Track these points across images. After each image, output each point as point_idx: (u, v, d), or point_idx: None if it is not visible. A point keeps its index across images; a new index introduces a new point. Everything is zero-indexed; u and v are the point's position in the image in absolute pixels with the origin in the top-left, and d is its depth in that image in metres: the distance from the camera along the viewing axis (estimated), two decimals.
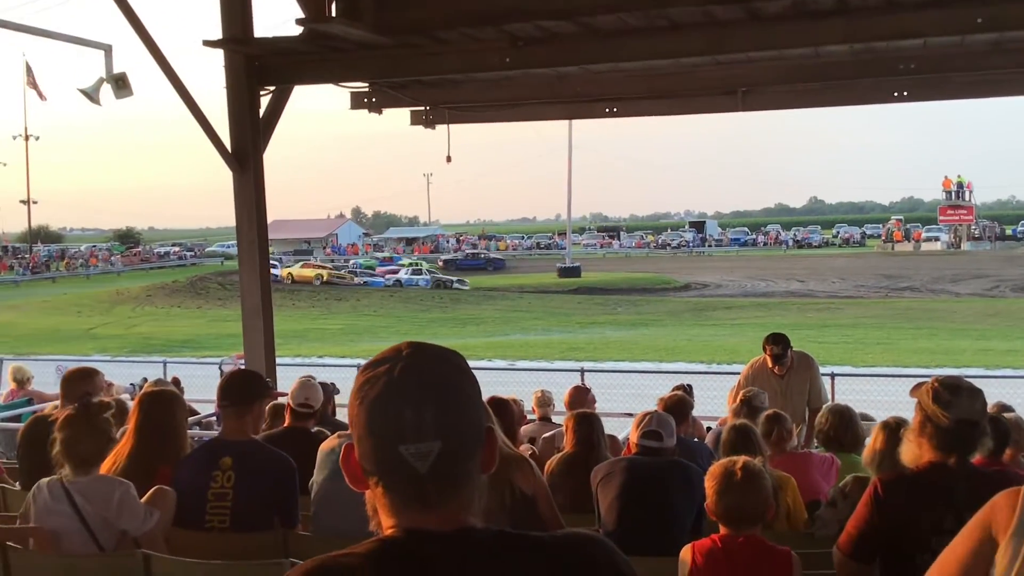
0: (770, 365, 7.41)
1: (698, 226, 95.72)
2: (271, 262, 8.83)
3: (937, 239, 72.78)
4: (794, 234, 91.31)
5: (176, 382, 9.19)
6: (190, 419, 8.50)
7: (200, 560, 3.59)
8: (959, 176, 72.13)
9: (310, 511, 4.18)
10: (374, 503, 1.38)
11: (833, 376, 12.04)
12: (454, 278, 55.90)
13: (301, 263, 63.24)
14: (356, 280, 55.12)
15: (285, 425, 5.09)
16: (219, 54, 7.38)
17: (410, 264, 61.82)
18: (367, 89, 8.66)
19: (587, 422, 4.83)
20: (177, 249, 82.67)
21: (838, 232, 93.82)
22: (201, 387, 12.06)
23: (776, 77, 7.80)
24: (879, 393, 11.86)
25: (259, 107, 7.37)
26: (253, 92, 7.28)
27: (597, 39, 6.45)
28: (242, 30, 7.10)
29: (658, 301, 44.19)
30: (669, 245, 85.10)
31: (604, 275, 54.09)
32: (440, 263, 67.25)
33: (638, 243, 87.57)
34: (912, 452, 3.02)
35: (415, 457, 1.31)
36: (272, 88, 7.42)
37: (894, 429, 3.70)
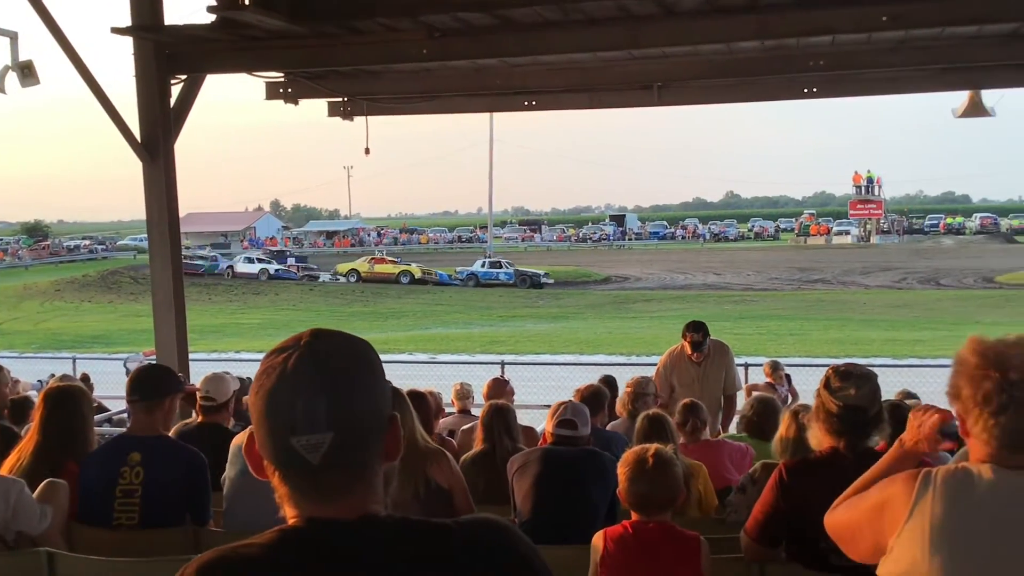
0: (689, 352, 7.57)
1: (618, 220, 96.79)
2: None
3: (848, 233, 74.84)
4: (711, 228, 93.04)
5: (85, 378, 8.96)
6: (101, 416, 8.31)
7: (107, 558, 3.51)
8: (869, 171, 74.22)
9: (223, 507, 4.12)
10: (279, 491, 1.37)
11: (747, 366, 12.29)
12: (541, 272, 50.34)
13: (369, 258, 55.00)
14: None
15: (198, 420, 5.00)
16: (129, 42, 7.20)
17: (487, 258, 54.75)
18: (283, 79, 8.54)
19: (501, 414, 4.85)
20: (88, 242, 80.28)
21: (753, 226, 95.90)
22: (112, 383, 11.77)
23: (691, 72, 7.92)
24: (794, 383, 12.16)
25: (170, 96, 7.20)
26: (163, 81, 7.11)
27: (515, 32, 6.47)
28: (152, 17, 6.93)
29: (579, 294, 44.57)
30: (590, 239, 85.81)
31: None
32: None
33: (559, 237, 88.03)
34: (815, 438, 3.12)
35: (307, 449, 1.30)
36: (183, 77, 7.26)
37: (800, 416, 3.80)
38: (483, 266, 50.88)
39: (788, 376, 9.95)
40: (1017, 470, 1.98)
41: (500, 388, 6.67)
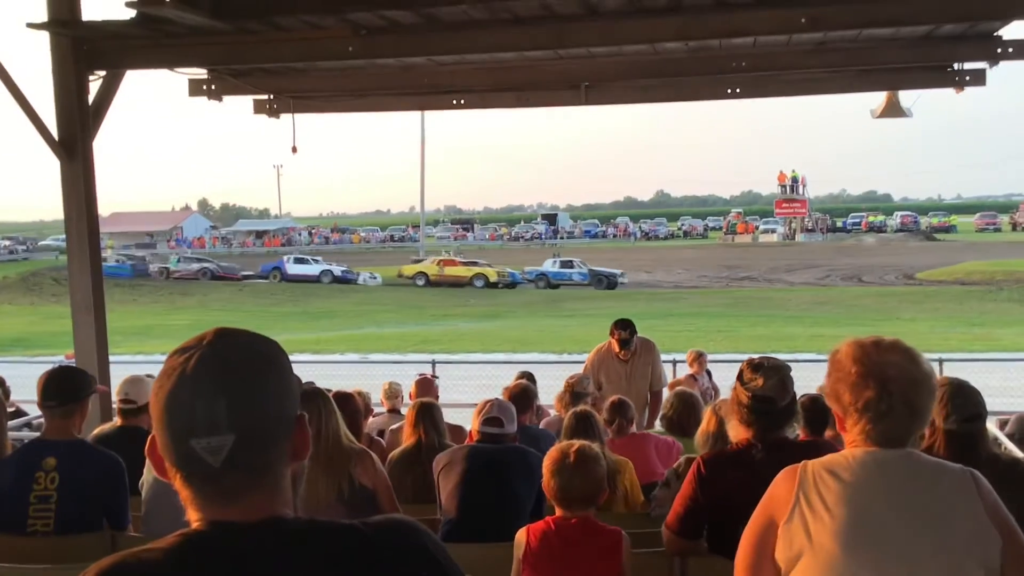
0: (616, 350, 7.65)
1: (550, 219, 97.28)
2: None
3: (774, 231, 76.28)
4: (641, 226, 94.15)
5: (0, 382, 8.69)
6: (19, 421, 8.07)
7: (21, 565, 3.42)
8: (793, 171, 75.80)
9: (141, 511, 4.04)
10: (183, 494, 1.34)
11: (675, 363, 12.45)
12: (617, 271, 47.13)
13: (436, 259, 50.35)
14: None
15: (117, 423, 4.90)
16: (45, 37, 7.01)
17: (556, 256, 50.99)
18: (206, 76, 8.39)
19: (428, 412, 4.84)
20: (8, 243, 77.95)
21: (683, 225, 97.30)
22: (33, 388, 11.45)
23: (617, 72, 7.99)
24: (720, 379, 12.36)
25: (88, 93, 7.03)
26: (81, 77, 6.94)
27: (441, 30, 6.45)
28: (69, 12, 6.75)
29: (511, 293, 44.64)
30: (522, 237, 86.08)
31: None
32: None
33: (491, 235, 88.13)
34: (733, 430, 3.19)
35: (207, 451, 1.28)
36: (102, 73, 7.09)
37: (719, 410, 3.87)
38: (554, 265, 47.67)
39: (709, 372, 10.13)
40: (886, 448, 2.15)
41: (427, 387, 6.66)
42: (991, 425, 7.84)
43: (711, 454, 3.32)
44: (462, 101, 8.98)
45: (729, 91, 8.12)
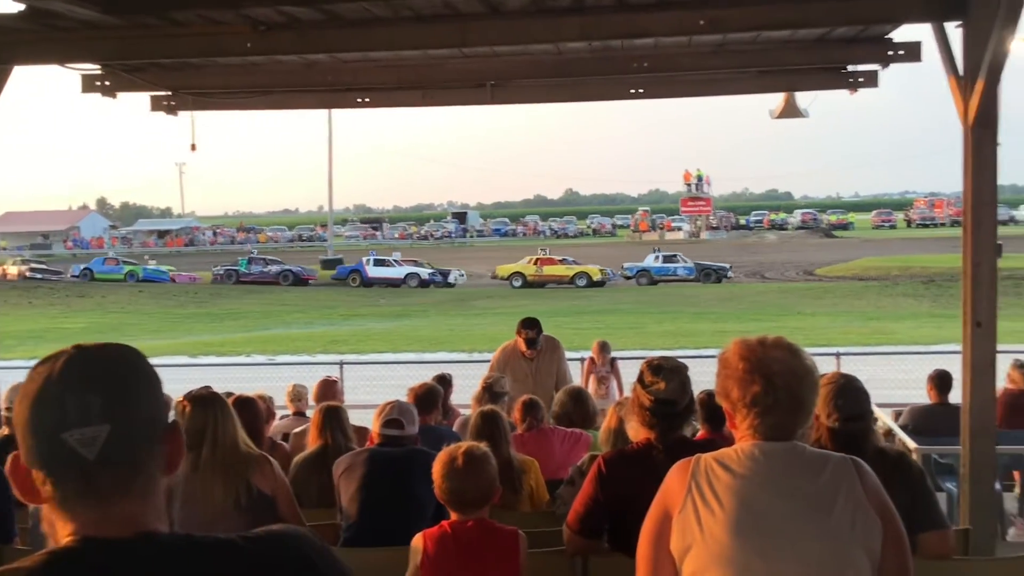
0: (523, 349, 7.68)
1: (460, 217, 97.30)
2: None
3: (680, 229, 77.68)
4: (551, 225, 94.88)
5: None
6: None
7: None
8: (698, 170, 77.25)
9: (28, 524, 3.88)
10: (50, 516, 1.28)
11: (584, 360, 12.53)
12: (727, 264, 45.25)
13: (532, 258, 46.49)
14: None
15: (4, 432, 4.70)
16: None
17: (656, 251, 48.05)
18: (100, 72, 8.12)
19: (332, 415, 4.78)
20: None
21: (592, 223, 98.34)
22: None
23: (522, 72, 8.00)
24: (627, 376, 12.52)
25: None
26: None
27: (342, 27, 6.35)
28: None
29: (421, 292, 44.44)
30: (432, 236, 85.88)
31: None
32: None
33: (401, 234, 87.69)
34: (632, 429, 3.22)
35: (81, 443, 1.23)
36: None
37: (620, 409, 3.91)
38: (656, 260, 45.07)
39: (613, 359, 10.29)
40: (772, 441, 2.25)
41: (329, 389, 6.57)
42: (886, 416, 8.13)
43: (612, 454, 3.35)
44: (367, 99, 8.87)
45: (632, 91, 8.19)
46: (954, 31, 5.24)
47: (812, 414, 2.32)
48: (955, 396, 6.84)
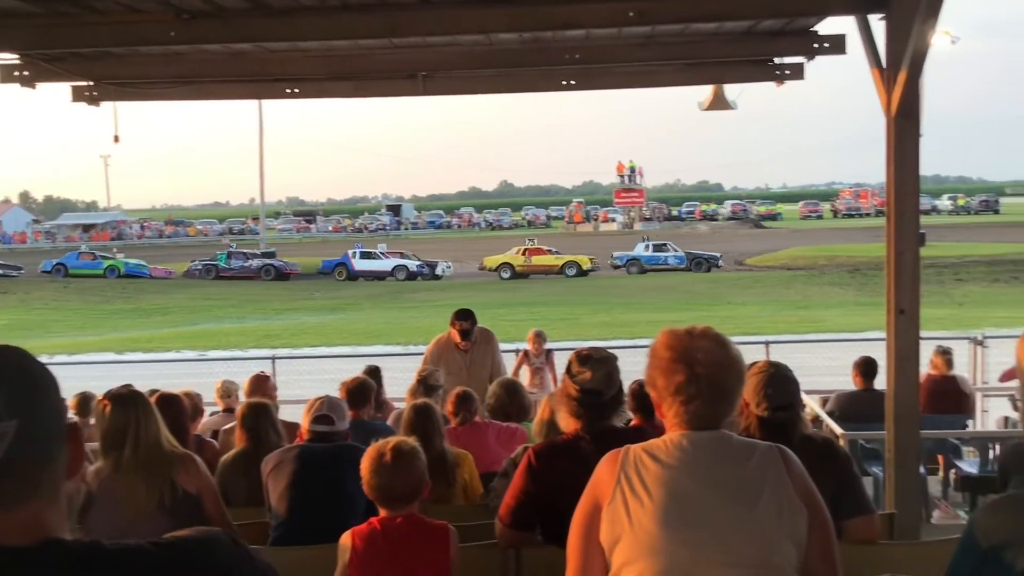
0: (457, 340, 7.66)
1: (395, 210, 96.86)
2: None
3: (614, 220, 78.28)
4: (486, 217, 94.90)
5: None
6: None
7: None
8: (631, 161, 77.79)
9: None
10: None
11: (518, 352, 12.53)
12: (718, 253, 45.18)
13: (520, 249, 45.75)
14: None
15: None
16: None
17: (645, 240, 48.00)
18: (18, 61, 7.85)
19: (259, 412, 4.70)
20: None
21: (526, 214, 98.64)
22: None
23: (453, 62, 7.94)
24: (562, 367, 12.56)
25: None
26: None
27: (269, 16, 6.23)
28: None
29: (355, 285, 44.08)
30: (367, 228, 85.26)
31: (300, 260, 53.03)
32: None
33: (335, 227, 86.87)
34: (563, 420, 3.22)
35: None
36: None
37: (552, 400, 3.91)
38: (647, 249, 45.04)
39: (549, 351, 10.34)
40: (699, 431, 2.27)
41: (261, 385, 6.47)
42: (814, 403, 8.28)
43: (541, 445, 3.35)
44: (296, 90, 8.73)
45: (564, 83, 8.19)
46: (877, 24, 5.33)
47: (736, 404, 2.34)
48: (880, 382, 7.00)
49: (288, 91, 8.81)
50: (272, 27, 6.41)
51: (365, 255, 46.84)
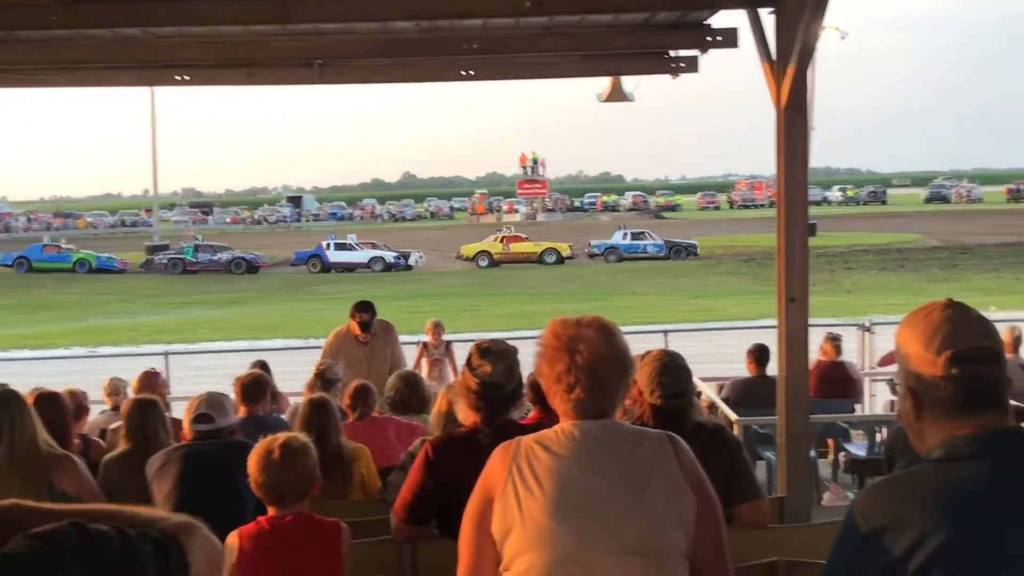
0: (357, 333, 7.57)
1: (296, 201, 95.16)
2: None
3: (517, 211, 78.62)
4: (388, 208, 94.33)
5: None
6: None
7: None
8: (534, 152, 78.19)
9: None
10: None
11: (419, 344, 12.47)
12: (695, 241, 45.51)
13: (498, 236, 46.36)
14: None
15: None
16: None
17: (622, 228, 48.01)
18: None
19: (145, 409, 4.53)
20: None
21: (429, 206, 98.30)
22: None
23: (349, 51, 7.81)
24: (463, 359, 12.54)
25: None
26: None
27: (155, 0, 6.04)
28: None
29: (253, 278, 43.24)
30: (266, 220, 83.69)
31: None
32: None
33: (233, 219, 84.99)
34: (462, 412, 3.19)
35: None
36: None
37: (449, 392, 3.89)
38: (625, 238, 45.04)
39: (449, 343, 10.33)
40: (590, 420, 2.27)
41: (151, 381, 6.27)
42: (710, 390, 8.44)
43: (439, 438, 3.32)
44: (186, 77, 8.47)
45: (463, 73, 8.14)
46: (767, 18, 5.43)
47: (621, 394, 2.33)
48: (773, 369, 7.18)
49: (178, 78, 8.55)
50: (157, 11, 6.21)
51: (339, 247, 45.94)
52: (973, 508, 1.69)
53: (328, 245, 46.11)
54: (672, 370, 3.41)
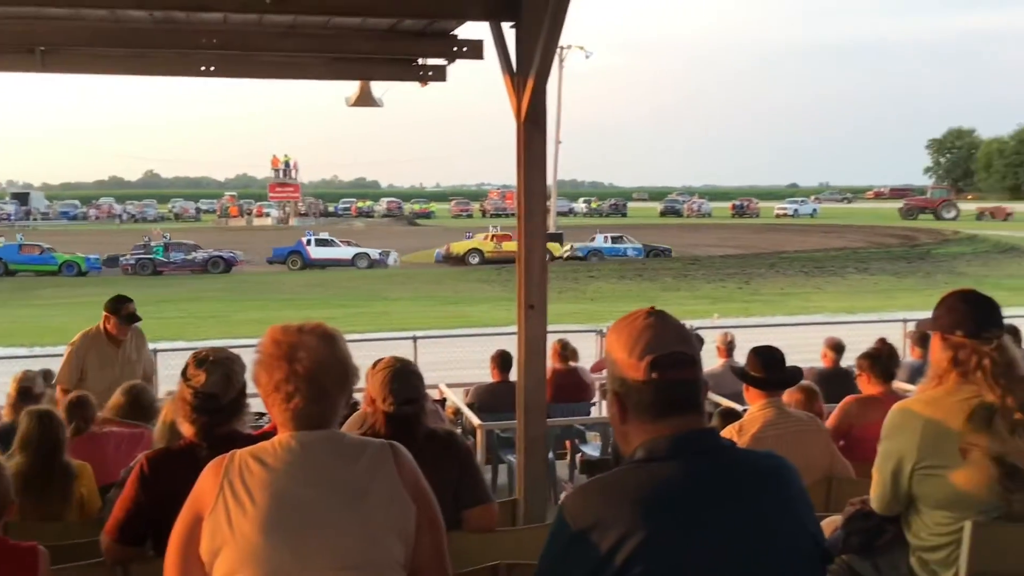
0: (114, 331, 7.21)
1: (22, 198, 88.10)
2: None
3: (269, 215, 76.72)
4: (127, 208, 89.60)
5: None
6: None
7: None
8: (286, 155, 76.54)
9: None
10: None
11: (158, 352, 11.84)
12: (670, 247, 47.52)
13: (489, 234, 46.53)
14: None
15: None
16: None
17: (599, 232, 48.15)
18: None
19: None
20: None
21: (174, 207, 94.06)
22: None
23: (76, 38, 7.26)
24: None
25: None
26: None
27: None
28: None
29: None
30: None
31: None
32: None
33: None
34: (182, 425, 3.04)
35: None
36: None
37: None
38: (606, 241, 46.17)
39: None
40: (309, 431, 2.20)
41: None
42: (456, 396, 8.55)
43: (155, 453, 3.14)
44: None
45: (203, 68, 7.78)
46: (509, 32, 5.57)
47: (341, 402, 2.28)
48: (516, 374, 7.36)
49: None
50: None
51: (321, 243, 45.12)
52: (668, 506, 1.79)
53: (308, 241, 45.46)
54: (403, 376, 3.41)
